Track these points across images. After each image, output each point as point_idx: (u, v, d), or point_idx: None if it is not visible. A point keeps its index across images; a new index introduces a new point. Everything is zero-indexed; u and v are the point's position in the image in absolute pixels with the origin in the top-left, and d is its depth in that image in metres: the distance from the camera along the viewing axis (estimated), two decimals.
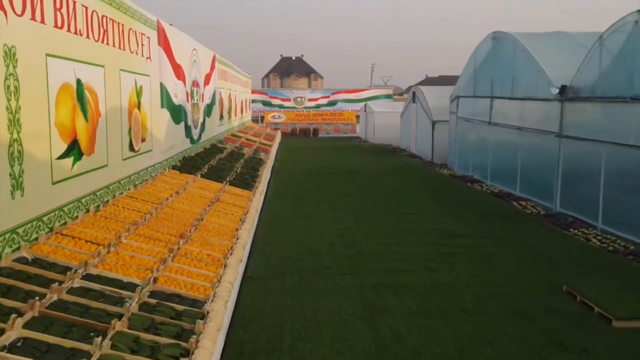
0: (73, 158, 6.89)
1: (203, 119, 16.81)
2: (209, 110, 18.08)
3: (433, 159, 21.38)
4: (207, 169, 13.18)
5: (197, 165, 13.31)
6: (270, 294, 6.94)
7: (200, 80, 16.57)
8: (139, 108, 10.03)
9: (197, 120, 15.84)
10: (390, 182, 16.63)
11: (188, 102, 14.52)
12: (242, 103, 29.83)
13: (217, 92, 20.01)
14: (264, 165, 17.41)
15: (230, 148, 18.51)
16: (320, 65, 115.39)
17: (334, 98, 39.44)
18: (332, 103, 39.26)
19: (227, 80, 23.39)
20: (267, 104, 38.78)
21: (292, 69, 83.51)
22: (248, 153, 19.05)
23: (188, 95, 14.53)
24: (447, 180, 17.14)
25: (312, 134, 36.70)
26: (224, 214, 9.66)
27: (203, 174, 12.50)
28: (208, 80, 18.04)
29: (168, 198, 9.36)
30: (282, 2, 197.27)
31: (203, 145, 16.64)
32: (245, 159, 17.27)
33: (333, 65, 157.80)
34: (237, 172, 14.24)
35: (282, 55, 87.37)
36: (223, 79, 22.13)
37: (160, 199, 9.15)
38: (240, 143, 21.34)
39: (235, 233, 8.60)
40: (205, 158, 14.87)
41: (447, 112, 19.98)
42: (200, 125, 16.38)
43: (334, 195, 14.12)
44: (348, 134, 36.86)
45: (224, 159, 15.81)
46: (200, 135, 16.37)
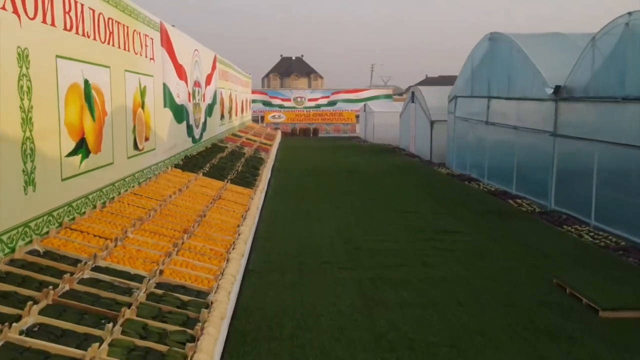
0: (81, 156, 7.15)
1: (204, 119, 17.05)
2: (210, 110, 18.32)
3: (431, 158, 21.61)
4: (208, 168, 13.42)
5: (199, 164, 13.55)
6: (271, 287, 7.18)
7: (202, 81, 16.81)
8: (143, 108, 10.28)
9: (198, 120, 16.07)
10: (389, 181, 16.85)
11: (190, 102, 14.77)
12: (242, 103, 30.06)
13: (218, 92, 20.25)
14: (265, 165, 17.65)
15: (231, 147, 18.74)
16: (320, 65, 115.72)
17: (334, 98, 39.69)
18: (332, 103, 39.51)
19: (227, 81, 23.62)
20: (267, 104, 39.03)
21: (292, 69, 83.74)
22: (249, 152, 19.29)
23: (190, 95, 14.77)
24: (445, 179, 17.37)
25: (312, 134, 36.93)
26: (226, 211, 9.91)
27: (205, 173, 12.74)
28: (209, 81, 18.28)
29: (171, 195, 9.61)
30: (282, 2, 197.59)
31: (204, 145, 16.87)
32: (246, 158, 17.51)
33: (333, 65, 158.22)
34: (238, 170, 14.48)
35: (282, 55, 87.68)
36: (224, 79, 22.36)
37: (164, 196, 9.40)
38: (241, 142, 21.58)
39: (237, 229, 8.85)
40: (207, 157, 15.10)
41: (445, 112, 20.21)
42: (202, 125, 16.62)
43: (334, 194, 14.34)
44: (348, 134, 37.08)
45: (225, 158, 16.05)
46: (202, 135, 16.61)
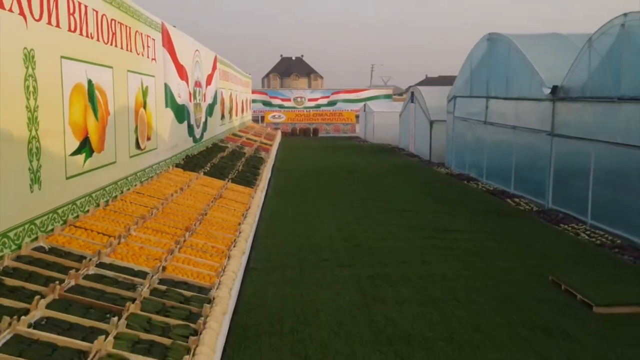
0: (85, 155, 7.27)
1: (205, 119, 17.17)
2: (211, 110, 18.44)
3: (431, 158, 21.73)
4: (209, 167, 13.54)
5: (199, 164, 13.67)
6: (272, 284, 7.31)
7: (203, 81, 16.93)
8: (145, 107, 10.40)
9: (199, 120, 16.20)
10: (389, 180, 16.97)
11: (191, 102, 14.89)
12: (242, 103, 30.18)
13: (218, 92, 20.37)
14: (265, 164, 17.77)
15: (232, 147, 18.86)
16: (320, 65, 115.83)
17: (334, 98, 39.82)
18: (332, 103, 39.63)
19: (228, 81, 23.74)
20: (267, 104, 39.15)
21: (292, 69, 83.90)
22: (249, 152, 19.41)
23: (191, 95, 14.89)
24: (444, 179, 17.50)
25: (312, 134, 37.05)
26: (227, 210, 10.03)
27: (206, 172, 12.86)
28: (210, 81, 18.40)
29: (173, 194, 9.73)
30: (282, 2, 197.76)
31: (205, 144, 17.00)
32: (247, 158, 17.63)
33: (333, 65, 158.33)
34: (238, 170, 14.60)
35: (282, 56, 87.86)
36: (224, 79, 22.48)
37: (166, 195, 9.52)
38: (241, 142, 21.70)
39: (238, 227, 8.98)
40: (208, 156, 15.22)
41: (444, 112, 20.33)
42: (203, 125, 16.74)
43: (334, 193, 14.46)
44: (348, 134, 37.20)
45: (226, 158, 16.17)
46: (203, 135, 16.73)
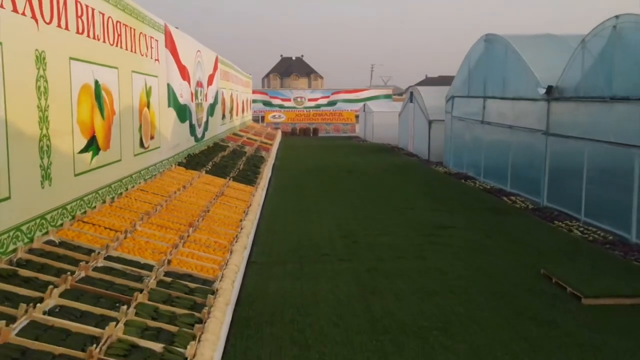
0: (92, 153, 7.52)
1: (206, 118, 17.42)
2: (212, 110, 18.70)
3: (429, 157, 21.96)
4: (211, 166, 13.79)
5: (201, 162, 13.92)
6: (273, 277, 7.55)
7: (204, 81, 17.18)
8: (148, 107, 10.65)
9: (201, 120, 16.45)
10: (388, 179, 17.21)
11: (192, 101, 15.14)
12: (243, 103, 30.44)
13: (219, 92, 20.63)
14: (265, 163, 18.02)
15: (233, 146, 19.12)
16: (320, 65, 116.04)
17: (334, 98, 40.05)
18: (331, 103, 39.87)
19: (228, 81, 23.99)
20: (267, 104, 39.40)
21: (292, 69, 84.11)
22: (249, 151, 19.66)
23: (192, 95, 15.14)
24: (442, 178, 17.73)
25: (312, 134, 37.30)
26: (229, 207, 10.28)
27: (208, 170, 13.11)
28: (211, 81, 18.65)
29: (176, 192, 9.98)
30: (282, 2, 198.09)
31: (206, 144, 17.25)
32: (247, 157, 17.88)
33: (333, 65, 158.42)
34: (239, 169, 14.85)
35: (282, 56, 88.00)
36: (225, 80, 22.74)
37: (169, 192, 9.78)
38: (242, 142, 21.95)
39: (240, 223, 9.23)
40: (209, 155, 15.48)
41: (443, 112, 20.57)
42: (204, 124, 16.99)
43: (333, 192, 14.69)
44: (347, 134, 37.46)
45: (227, 157, 16.42)
46: (204, 134, 16.99)
